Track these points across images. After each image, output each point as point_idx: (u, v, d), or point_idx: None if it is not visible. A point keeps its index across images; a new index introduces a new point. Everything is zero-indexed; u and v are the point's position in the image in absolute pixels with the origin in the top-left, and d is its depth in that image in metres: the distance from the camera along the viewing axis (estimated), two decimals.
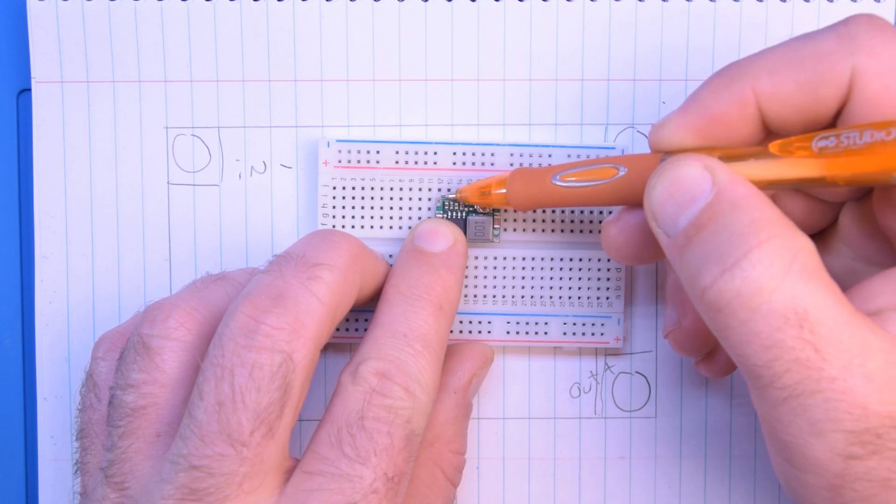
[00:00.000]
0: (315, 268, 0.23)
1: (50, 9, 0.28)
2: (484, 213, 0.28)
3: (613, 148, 0.28)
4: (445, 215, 0.28)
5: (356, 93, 0.28)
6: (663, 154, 0.23)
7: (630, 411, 0.29)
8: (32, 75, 0.28)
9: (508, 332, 0.28)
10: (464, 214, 0.28)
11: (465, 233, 0.27)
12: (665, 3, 0.28)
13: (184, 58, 0.28)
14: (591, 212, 0.28)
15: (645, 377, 0.29)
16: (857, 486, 0.19)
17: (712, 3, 0.28)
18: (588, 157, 0.28)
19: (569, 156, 0.28)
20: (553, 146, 0.28)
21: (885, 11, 0.28)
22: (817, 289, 0.19)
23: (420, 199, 0.28)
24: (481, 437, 0.29)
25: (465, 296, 0.28)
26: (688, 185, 0.21)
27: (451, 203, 0.28)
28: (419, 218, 0.28)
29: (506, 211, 0.28)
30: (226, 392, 0.21)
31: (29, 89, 0.29)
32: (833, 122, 0.22)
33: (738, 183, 0.20)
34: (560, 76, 0.28)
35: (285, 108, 0.28)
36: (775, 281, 0.19)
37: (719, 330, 0.20)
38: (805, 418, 0.19)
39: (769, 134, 0.22)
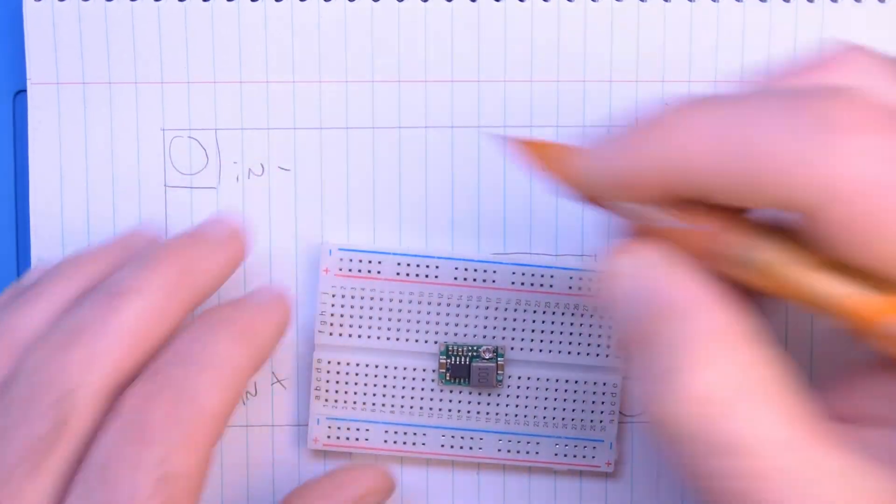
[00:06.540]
0: (120, 297, 0.22)
1: (46, 10, 0.28)
2: (488, 361, 0.27)
3: None
4: (449, 360, 0.27)
5: (355, 94, 0.28)
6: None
7: None
8: (28, 76, 0.28)
9: (500, 451, 0.28)
10: (468, 360, 0.27)
11: (468, 379, 0.27)
12: (667, 3, 0.28)
13: (181, 59, 0.28)
14: (591, 334, 0.28)
15: None
16: None
17: (715, 4, 0.28)
18: None
19: None
20: None
21: (889, 12, 0.28)
22: (768, 414, 0.17)
23: (419, 311, 0.27)
24: None
25: (459, 411, 0.28)
26: (637, 283, 0.19)
27: (455, 348, 0.27)
28: (417, 330, 0.28)
29: (512, 350, 0.28)
30: None
31: (25, 90, 0.28)
32: None
33: (689, 286, 0.19)
34: (561, 77, 0.28)
35: (283, 109, 0.28)
36: (719, 407, 0.17)
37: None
38: None
39: None
